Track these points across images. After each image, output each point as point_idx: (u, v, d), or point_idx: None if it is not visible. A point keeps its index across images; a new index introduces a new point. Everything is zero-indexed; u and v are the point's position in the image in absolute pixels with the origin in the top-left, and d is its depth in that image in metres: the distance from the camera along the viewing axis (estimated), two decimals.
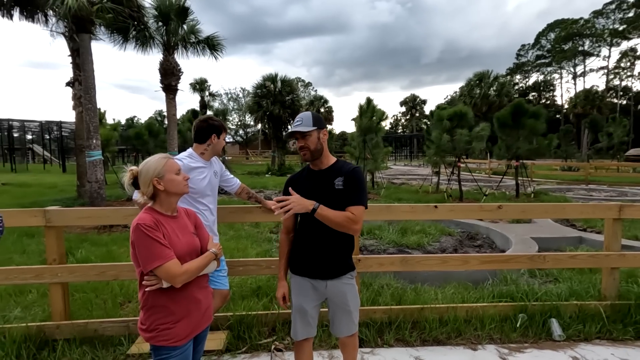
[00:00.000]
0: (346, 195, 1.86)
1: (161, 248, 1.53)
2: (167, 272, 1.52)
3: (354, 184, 1.86)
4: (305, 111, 1.98)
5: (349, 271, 1.98)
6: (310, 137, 1.89)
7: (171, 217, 1.69)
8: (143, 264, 1.53)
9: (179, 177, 1.68)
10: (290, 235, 2.08)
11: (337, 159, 2.01)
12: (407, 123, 73.49)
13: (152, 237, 1.52)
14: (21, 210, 2.70)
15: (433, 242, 6.03)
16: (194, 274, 1.64)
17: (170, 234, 1.62)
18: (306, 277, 1.97)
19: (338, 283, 1.95)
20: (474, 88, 37.54)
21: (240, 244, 5.91)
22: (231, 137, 44.32)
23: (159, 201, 1.67)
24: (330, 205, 1.84)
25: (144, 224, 1.53)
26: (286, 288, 2.05)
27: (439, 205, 2.97)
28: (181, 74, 11.59)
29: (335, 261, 1.94)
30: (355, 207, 1.83)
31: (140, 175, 1.64)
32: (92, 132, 8.37)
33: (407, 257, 3.06)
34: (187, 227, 1.74)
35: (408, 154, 50.70)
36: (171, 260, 1.54)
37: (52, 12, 9.90)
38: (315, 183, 1.93)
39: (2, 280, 2.73)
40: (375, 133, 11.39)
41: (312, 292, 1.97)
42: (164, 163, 1.66)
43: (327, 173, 1.93)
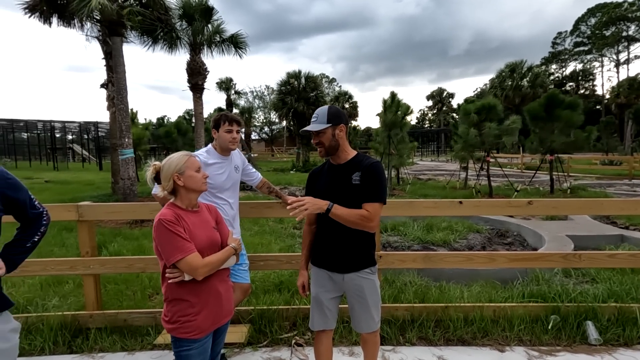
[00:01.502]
0: (362, 191, 1.82)
1: (182, 242, 1.57)
2: (189, 265, 1.57)
3: (371, 179, 1.82)
4: (326, 105, 1.94)
5: (368, 265, 1.95)
6: (324, 134, 1.87)
7: (192, 211, 1.73)
8: (166, 257, 1.58)
9: (198, 175, 1.73)
10: (312, 226, 2.08)
11: (358, 152, 1.97)
12: (434, 117, 71.67)
13: (174, 231, 1.56)
14: (57, 205, 2.85)
15: (460, 239, 5.85)
16: (215, 267, 1.67)
17: (191, 228, 1.66)
18: (324, 269, 1.97)
19: (355, 277, 1.92)
20: (506, 79, 36.00)
21: (264, 239, 5.99)
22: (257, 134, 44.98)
23: (180, 197, 1.72)
24: (347, 201, 1.82)
25: (166, 219, 1.58)
26: (306, 277, 2.07)
27: (464, 200, 2.86)
28: (207, 73, 11.86)
29: (353, 255, 1.91)
30: (371, 204, 1.80)
31: (162, 170, 1.70)
32: (124, 132, 8.74)
33: (430, 254, 2.97)
34: (208, 221, 1.78)
35: (435, 149, 49.48)
36: (192, 253, 1.58)
37: (80, 16, 10.39)
38: (333, 178, 1.91)
39: (40, 271, 2.90)
40: (400, 128, 11.17)
41: (330, 283, 1.96)
42: (186, 160, 1.71)
43: (345, 168, 1.90)
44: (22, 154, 36.33)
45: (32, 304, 3.32)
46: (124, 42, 9.93)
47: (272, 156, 40.89)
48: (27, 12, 10.08)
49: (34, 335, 2.71)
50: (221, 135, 2.38)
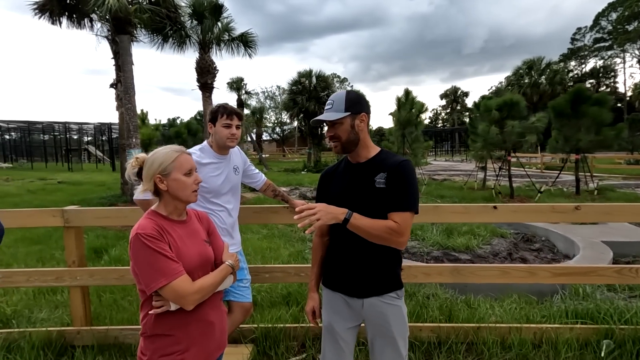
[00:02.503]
0: (389, 197, 1.46)
1: (167, 262, 1.24)
2: (175, 292, 1.23)
3: (400, 181, 1.46)
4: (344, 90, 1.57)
5: (393, 289, 1.58)
6: (342, 126, 1.51)
7: (179, 221, 1.39)
8: (145, 283, 1.24)
9: (187, 180, 1.37)
10: (325, 238, 1.73)
11: (382, 149, 1.61)
12: (447, 117, 70.45)
13: (156, 249, 1.23)
14: (41, 210, 2.58)
15: (483, 244, 5.41)
16: (209, 292, 1.34)
17: (178, 243, 1.32)
18: (339, 292, 1.61)
19: (377, 302, 1.56)
20: (523, 77, 34.95)
21: (272, 243, 5.68)
22: (268, 134, 44.90)
23: (163, 202, 1.38)
24: (369, 209, 1.46)
25: (145, 234, 1.24)
26: (316, 301, 1.71)
27: (500, 205, 2.47)
28: (217, 72, 11.65)
29: (375, 275, 1.55)
30: (400, 214, 1.43)
31: (145, 166, 1.35)
32: (132, 131, 8.57)
33: (459, 267, 2.58)
34: (198, 233, 1.44)
35: (449, 149, 48.52)
36: (180, 276, 1.25)
37: (96, 16, 10.31)
38: (351, 180, 1.56)
39: (23, 282, 2.63)
40: (415, 126, 10.72)
41: (346, 310, 1.60)
42: (174, 158, 1.35)
43: (367, 167, 1.54)
44: (39, 155, 37.07)
45: (19, 316, 3.07)
46: (133, 41, 9.81)
47: (283, 156, 40.73)
48: (37, 13, 10.04)
49: (14, 355, 2.43)
50: (218, 130, 2.04)
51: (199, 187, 1.42)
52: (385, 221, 1.43)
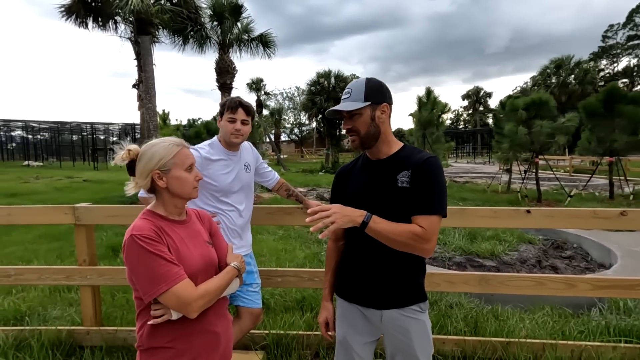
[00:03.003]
0: (413, 198, 1.30)
1: (167, 266, 1.12)
2: (178, 298, 1.12)
3: (426, 181, 1.29)
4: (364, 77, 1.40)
5: (416, 301, 1.41)
6: (360, 117, 1.35)
7: (178, 222, 1.28)
8: (143, 290, 1.13)
9: (189, 177, 1.26)
10: (339, 243, 1.58)
11: (406, 144, 1.45)
12: (469, 118, 68.75)
13: (153, 251, 1.12)
14: (52, 207, 2.54)
15: (510, 250, 5.11)
16: (215, 297, 1.22)
17: (177, 245, 1.21)
18: (355, 303, 1.46)
19: (398, 315, 1.39)
20: (550, 76, 33.63)
21: (288, 244, 5.56)
22: (286, 135, 45.09)
23: (162, 200, 1.26)
24: (390, 211, 1.30)
25: (141, 235, 1.13)
26: (330, 312, 1.56)
27: (534, 209, 2.24)
28: (235, 72, 11.70)
29: (396, 285, 1.39)
30: (426, 218, 1.27)
31: (140, 160, 1.23)
32: (152, 131, 8.67)
33: (488, 275, 2.37)
34: (199, 234, 1.33)
35: (471, 151, 47.31)
36: (182, 280, 1.13)
37: (120, 18, 10.56)
38: (370, 178, 1.41)
39: (35, 280, 2.60)
40: (436, 127, 10.41)
41: (363, 323, 1.45)
42: (175, 152, 1.24)
43: (388, 164, 1.38)
44: (68, 154, 38.54)
45: (33, 313, 3.06)
46: (155, 42, 9.97)
47: (301, 157, 40.76)
48: (64, 15, 10.35)
49: (22, 354, 2.40)
50: (223, 124, 1.92)
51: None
52: (409, 225, 1.27)
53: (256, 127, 23.76)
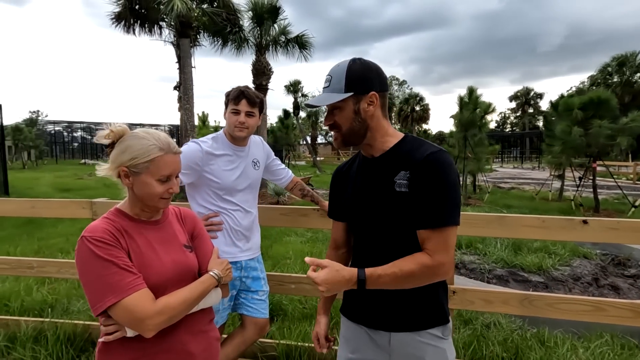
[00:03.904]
0: (416, 207, 1.05)
1: (120, 274, 0.96)
2: (129, 313, 0.95)
3: (430, 184, 1.03)
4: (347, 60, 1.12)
5: (435, 324, 1.15)
6: (341, 112, 1.12)
7: (148, 222, 1.11)
8: (91, 301, 0.97)
9: (158, 188, 1.07)
10: (340, 251, 1.38)
11: (406, 135, 1.18)
12: (517, 120, 64.82)
13: (104, 257, 0.96)
14: (72, 201, 2.55)
15: (561, 265, 4.56)
16: (180, 313, 1.03)
17: (142, 250, 1.05)
18: (361, 324, 1.23)
19: (411, 341, 1.15)
20: (612, 74, 30.74)
21: (315, 248, 5.39)
22: (323, 137, 45.19)
23: (130, 198, 1.11)
24: (390, 222, 1.10)
25: (92, 237, 0.98)
26: (322, 327, 1.37)
27: (591, 220, 1.88)
28: (271, 73, 11.78)
29: (408, 303, 1.15)
30: (435, 233, 1.03)
31: (117, 147, 1.08)
32: (189, 131, 8.92)
33: (532, 295, 2.02)
34: (174, 237, 1.15)
35: (518, 155, 44.50)
36: (136, 292, 0.96)
37: (165, 23, 11.04)
38: (365, 181, 1.18)
39: (55, 273, 2.62)
40: (479, 128, 9.75)
41: (369, 347, 1.22)
42: (153, 157, 1.05)
43: (382, 164, 1.14)
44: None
45: (57, 305, 3.12)
46: (195, 45, 10.29)
47: (337, 159, 40.62)
48: (114, 22, 11.00)
49: (39, 347, 2.41)
50: (227, 116, 1.76)
51: (170, 196, 1.11)
52: (414, 258, 1.04)
53: (292, 128, 24.01)
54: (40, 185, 14.22)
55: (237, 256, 1.81)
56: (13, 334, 2.49)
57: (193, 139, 1.76)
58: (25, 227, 6.74)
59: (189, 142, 1.76)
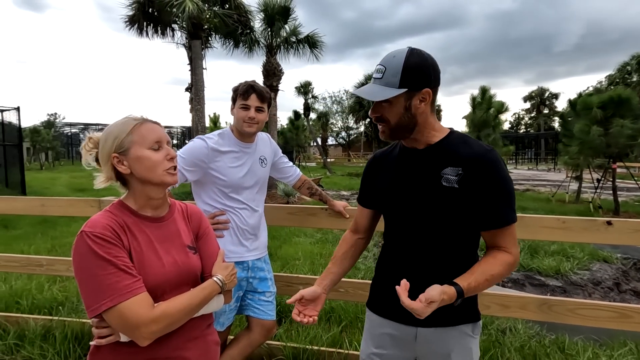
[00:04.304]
0: (475, 206, 1.05)
1: (118, 275, 0.90)
2: (124, 319, 0.89)
3: (493, 183, 1.04)
4: (404, 49, 1.07)
5: (465, 321, 1.13)
6: (392, 107, 1.07)
7: (152, 219, 1.05)
8: (86, 302, 0.91)
9: (155, 155, 1.00)
10: (357, 236, 1.34)
11: (452, 130, 1.15)
12: (532, 121, 63.53)
13: (104, 255, 0.90)
14: (81, 200, 2.55)
15: (580, 269, 4.39)
16: (178, 321, 0.97)
17: (143, 249, 0.99)
18: (387, 317, 1.20)
19: (437, 336, 1.12)
20: (631, 74, 29.89)
21: (325, 249, 5.32)
22: (334, 139, 45.13)
23: (132, 191, 1.05)
24: (433, 215, 1.08)
25: (93, 233, 0.92)
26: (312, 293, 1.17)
27: (616, 221, 1.77)
28: (282, 74, 11.80)
29: None
30: (506, 231, 1.07)
31: (99, 146, 1.03)
32: (200, 132, 8.97)
33: (552, 300, 1.92)
34: (177, 236, 1.08)
35: (533, 156, 43.58)
36: (135, 296, 0.90)
37: (177, 26, 11.17)
38: (405, 172, 1.14)
39: (64, 272, 2.61)
40: (492, 128, 9.55)
41: (394, 343, 1.18)
42: (131, 127, 1.00)
43: (428, 156, 1.11)
44: None
45: (67, 303, 3.13)
46: (207, 47, 10.37)
47: (348, 161, 40.51)
48: (127, 25, 11.18)
49: (47, 345, 2.41)
50: (236, 112, 1.71)
51: (176, 164, 1.05)
52: (498, 259, 1.06)
53: (302, 130, 24.01)
54: (56, 186, 14.53)
55: (244, 256, 1.77)
56: (22, 332, 2.50)
57: (199, 136, 1.73)
58: (40, 226, 6.87)
59: (194, 139, 1.72)
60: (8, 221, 7.05)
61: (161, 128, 1.06)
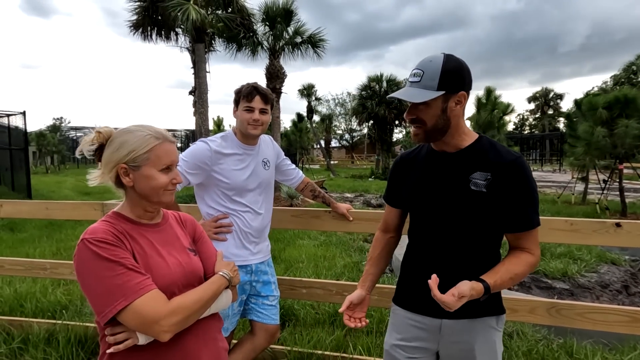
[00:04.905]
0: (501, 209, 1.10)
1: (128, 275, 0.89)
2: (141, 316, 0.87)
3: (521, 189, 1.09)
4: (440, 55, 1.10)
5: (490, 313, 1.16)
6: (429, 109, 1.09)
7: (150, 225, 1.05)
8: (98, 308, 0.90)
9: (162, 178, 1.00)
10: (388, 235, 1.39)
11: (481, 135, 1.18)
12: (536, 122, 63.14)
13: (109, 257, 0.89)
14: (84, 203, 2.56)
15: (587, 271, 4.33)
16: (194, 315, 0.97)
17: (147, 252, 0.98)
18: (411, 310, 1.22)
19: (462, 327, 1.14)
20: (637, 74, 29.66)
21: (328, 251, 5.30)
22: (337, 141, 45.13)
23: (129, 200, 1.04)
24: (459, 218, 1.12)
25: (94, 239, 0.91)
26: (358, 296, 1.25)
27: (625, 223, 1.74)
28: (285, 76, 11.82)
29: None
30: (530, 235, 1.13)
31: (109, 146, 1.01)
32: (204, 135, 9.00)
33: (560, 304, 1.89)
34: (177, 239, 1.09)
35: (538, 158, 43.30)
36: (148, 292, 0.89)
37: (180, 30, 11.24)
38: (434, 175, 1.17)
39: (68, 275, 2.62)
40: (497, 129, 9.49)
41: (418, 333, 1.19)
42: (152, 147, 0.99)
43: (457, 160, 1.14)
44: None
45: (71, 307, 3.13)
46: (210, 50, 10.42)
47: (351, 163, 40.44)
48: (132, 30, 11.26)
49: (50, 349, 2.40)
50: (239, 114, 1.70)
51: (175, 188, 1.05)
52: (522, 260, 1.11)
53: (306, 132, 24.01)
54: (62, 189, 14.64)
55: (248, 259, 1.75)
56: (26, 336, 2.50)
57: (201, 139, 1.72)
58: (46, 229, 6.91)
59: (197, 142, 1.72)
60: (14, 224, 7.10)
61: (175, 149, 1.06)
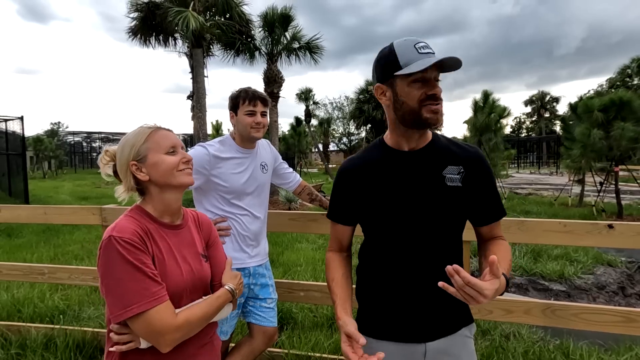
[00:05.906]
0: (473, 202, 1.11)
1: (145, 282, 0.92)
2: (150, 326, 0.90)
3: (489, 180, 1.13)
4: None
5: (464, 324, 1.15)
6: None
7: (171, 226, 1.07)
8: (112, 309, 0.92)
9: (170, 159, 1.04)
10: (344, 254, 1.25)
11: (433, 132, 1.18)
12: (533, 125, 63.48)
13: (133, 261, 0.91)
14: (83, 208, 2.56)
15: (584, 273, 4.36)
16: (197, 328, 1.00)
17: (164, 257, 1.00)
18: (388, 340, 1.12)
19: (446, 345, 1.10)
20: (632, 77, 29.88)
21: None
22: (335, 145, 45.21)
23: (150, 198, 1.06)
24: (440, 216, 1.08)
25: (122, 239, 0.93)
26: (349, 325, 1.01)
27: (618, 224, 1.76)
28: (282, 81, 11.87)
29: (443, 308, 1.10)
30: (499, 223, 1.17)
31: (116, 158, 1.07)
32: (202, 139, 9.01)
33: (555, 305, 1.91)
34: (192, 244, 1.11)
35: (535, 160, 43.47)
36: (160, 304, 0.92)
37: (179, 35, 11.29)
38: (406, 175, 1.07)
39: (66, 280, 2.62)
40: (494, 132, 9.54)
41: None
42: (146, 135, 1.04)
43: (427, 157, 1.09)
44: None
45: (69, 312, 3.13)
46: (208, 55, 10.46)
47: None
48: (130, 36, 11.30)
49: (48, 354, 2.40)
50: (240, 119, 1.72)
51: (192, 166, 1.09)
52: (502, 245, 1.12)
53: (304, 136, 24.04)
54: (59, 194, 14.59)
55: (246, 262, 1.77)
56: (24, 341, 2.50)
57: (199, 143, 1.74)
58: (43, 234, 6.89)
59: (195, 146, 1.74)
60: (11, 229, 7.07)
61: (174, 135, 1.10)
